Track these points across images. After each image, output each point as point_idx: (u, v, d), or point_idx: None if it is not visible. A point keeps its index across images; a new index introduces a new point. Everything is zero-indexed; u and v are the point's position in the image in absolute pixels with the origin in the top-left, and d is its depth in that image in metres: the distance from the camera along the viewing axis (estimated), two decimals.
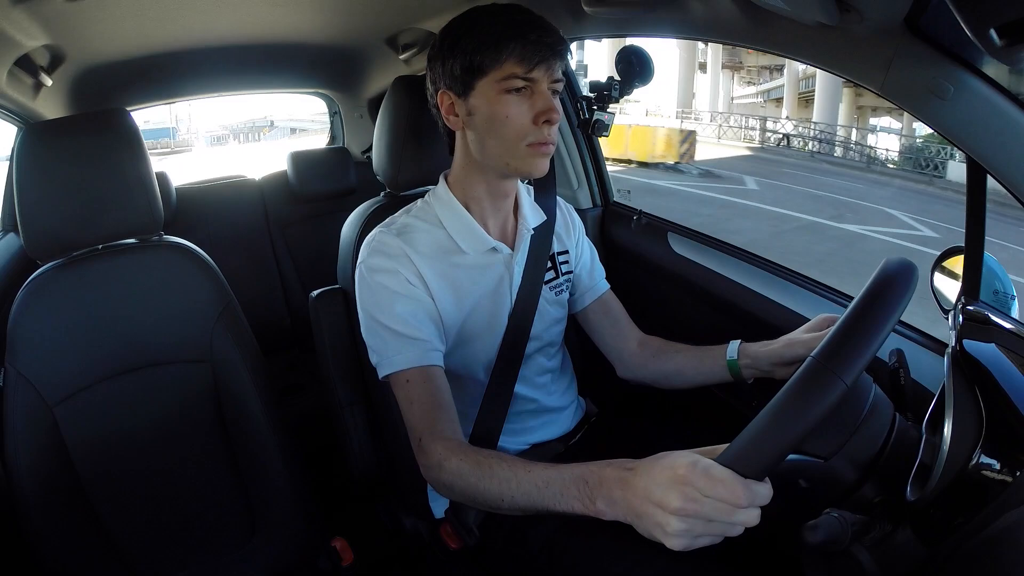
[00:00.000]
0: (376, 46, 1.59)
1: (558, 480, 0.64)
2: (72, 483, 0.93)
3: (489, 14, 0.82)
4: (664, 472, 0.54)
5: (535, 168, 0.85)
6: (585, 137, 1.52)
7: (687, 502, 0.52)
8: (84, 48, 1.31)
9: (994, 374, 0.65)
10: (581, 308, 1.06)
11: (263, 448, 1.01)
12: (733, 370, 0.93)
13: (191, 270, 1.03)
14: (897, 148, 14.84)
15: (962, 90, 0.69)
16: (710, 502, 0.51)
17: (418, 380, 0.84)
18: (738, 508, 0.51)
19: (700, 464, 0.52)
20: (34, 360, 0.93)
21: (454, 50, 0.82)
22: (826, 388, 0.51)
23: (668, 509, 0.52)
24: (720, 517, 0.52)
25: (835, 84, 15.77)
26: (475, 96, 0.83)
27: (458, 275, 0.89)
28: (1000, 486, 0.57)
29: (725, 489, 0.50)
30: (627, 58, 1.18)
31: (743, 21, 0.89)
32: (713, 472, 0.51)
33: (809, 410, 0.51)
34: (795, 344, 0.87)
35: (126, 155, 0.96)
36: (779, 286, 1.14)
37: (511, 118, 0.81)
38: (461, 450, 0.77)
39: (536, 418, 0.99)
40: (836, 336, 0.54)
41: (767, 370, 0.90)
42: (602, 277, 1.08)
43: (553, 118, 0.82)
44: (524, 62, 0.79)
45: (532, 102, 0.82)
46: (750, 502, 0.51)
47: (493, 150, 0.84)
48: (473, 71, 0.81)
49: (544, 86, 0.82)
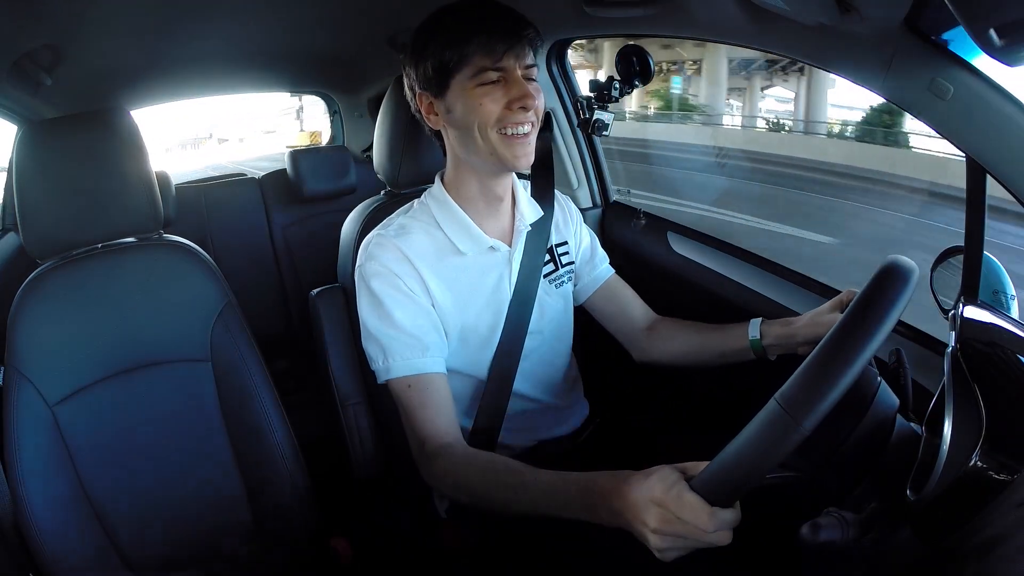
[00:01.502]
0: (376, 46, 1.59)
1: (563, 491, 0.66)
2: (72, 482, 0.93)
3: (452, 12, 0.83)
4: (646, 492, 0.57)
5: (515, 158, 0.83)
6: (585, 137, 1.52)
7: (662, 523, 0.56)
8: (84, 48, 1.31)
9: (994, 374, 0.65)
10: (587, 296, 1.06)
11: (263, 447, 1.01)
12: (756, 348, 0.92)
13: (191, 269, 1.03)
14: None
15: (962, 90, 0.69)
16: (681, 523, 0.55)
17: (419, 386, 0.84)
18: (706, 532, 0.55)
19: (674, 489, 0.56)
20: (34, 359, 0.93)
21: (424, 52, 0.83)
22: (785, 434, 0.51)
23: (647, 528, 0.57)
24: (692, 537, 0.55)
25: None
26: (451, 94, 0.83)
27: (457, 276, 0.89)
28: (1000, 486, 0.57)
29: (692, 515, 0.54)
30: (627, 58, 1.18)
31: (743, 21, 0.89)
32: (684, 498, 0.55)
33: (768, 453, 0.52)
34: (818, 324, 0.85)
35: (126, 154, 0.96)
36: (779, 286, 1.14)
37: (483, 106, 0.81)
38: (465, 457, 0.78)
39: (543, 416, 0.99)
40: (798, 379, 0.53)
41: (790, 348, 0.89)
42: (605, 262, 1.08)
43: (528, 103, 0.81)
44: (491, 53, 0.80)
45: (506, 89, 0.81)
46: (716, 528, 0.54)
47: (472, 143, 0.84)
48: (445, 70, 0.82)
49: (517, 74, 0.81)
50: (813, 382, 0.51)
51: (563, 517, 0.66)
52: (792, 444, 0.51)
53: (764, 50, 0.95)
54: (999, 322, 0.75)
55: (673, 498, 0.55)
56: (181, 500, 0.99)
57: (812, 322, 0.86)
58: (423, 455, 0.82)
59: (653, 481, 0.58)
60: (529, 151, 0.84)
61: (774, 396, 0.53)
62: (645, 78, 1.19)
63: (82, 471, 0.94)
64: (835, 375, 0.51)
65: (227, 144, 14.87)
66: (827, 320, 0.85)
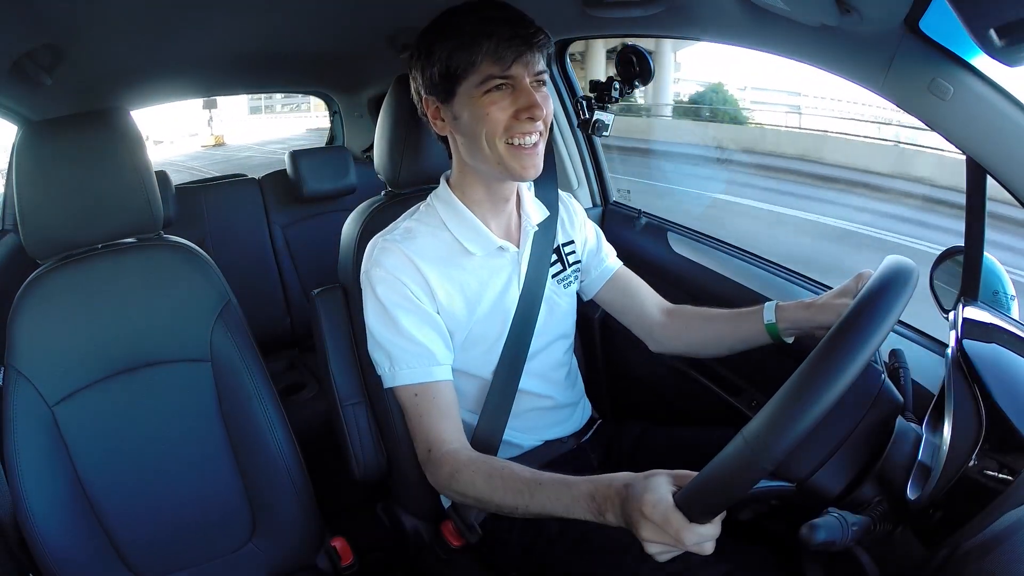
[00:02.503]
0: (376, 46, 1.59)
1: (568, 495, 0.69)
2: (72, 482, 0.93)
3: (460, 14, 0.81)
4: (637, 503, 0.61)
5: (522, 169, 0.82)
6: (585, 137, 1.52)
7: (650, 533, 0.60)
8: (84, 48, 1.31)
9: (994, 374, 0.65)
10: (596, 291, 1.05)
11: (263, 447, 1.01)
12: (772, 332, 0.89)
13: (191, 269, 1.02)
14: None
15: (962, 90, 0.69)
16: (665, 535, 0.59)
17: (425, 394, 0.84)
18: (685, 545, 0.59)
19: (660, 505, 0.59)
20: (34, 359, 0.93)
21: (431, 57, 0.81)
22: (748, 470, 0.53)
23: (639, 536, 0.61)
24: (676, 547, 0.60)
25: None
26: (458, 101, 0.81)
27: (466, 278, 0.88)
28: (1000, 486, 0.57)
29: (673, 530, 0.58)
30: (627, 58, 1.18)
31: (743, 21, 0.89)
32: (668, 515, 0.59)
33: (734, 485, 0.55)
34: (829, 308, 0.83)
35: (126, 155, 0.96)
36: (779, 286, 1.14)
37: (490, 115, 0.79)
38: (471, 462, 0.78)
39: (548, 415, 0.99)
40: (762, 417, 0.53)
41: (807, 331, 0.87)
42: (612, 255, 1.07)
43: (536, 114, 0.79)
44: (500, 61, 0.78)
45: (514, 98, 0.79)
46: (694, 543, 0.59)
47: (479, 152, 0.83)
48: (451, 76, 0.80)
49: (525, 82, 0.80)
50: (777, 421, 0.52)
51: (569, 518, 0.69)
52: (757, 478, 0.54)
53: (764, 50, 0.95)
54: (999, 322, 0.75)
55: (659, 514, 0.59)
56: (181, 500, 0.99)
57: (827, 304, 0.84)
58: (429, 461, 0.82)
59: (642, 493, 0.61)
60: (537, 162, 0.83)
61: (740, 431, 0.54)
62: (645, 78, 1.19)
63: (82, 471, 0.94)
64: (800, 415, 0.51)
65: (162, 145, 16.70)
66: (836, 306, 0.82)
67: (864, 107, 7.97)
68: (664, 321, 1.02)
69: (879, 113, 7.52)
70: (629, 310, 1.05)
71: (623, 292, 1.05)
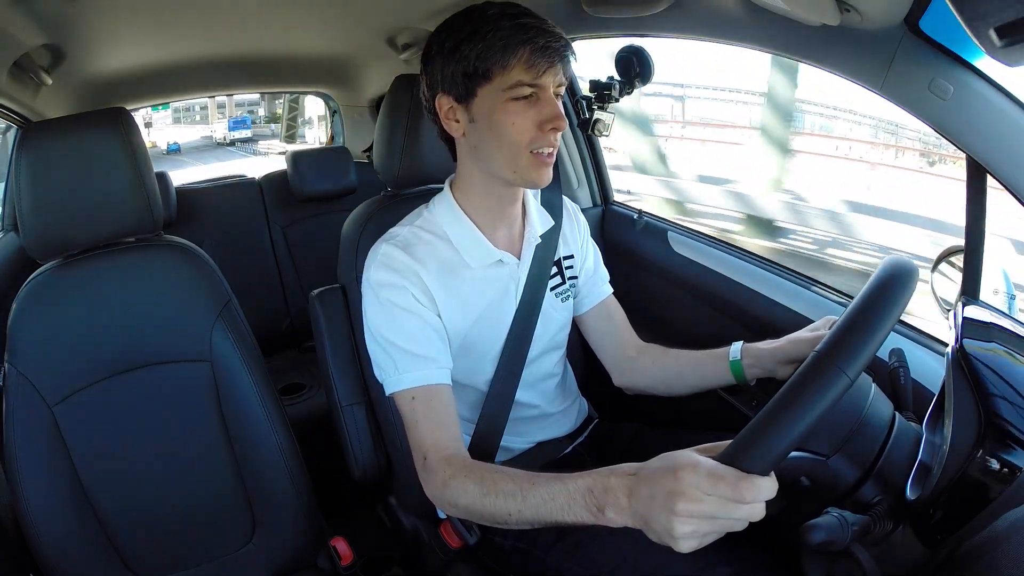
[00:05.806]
0: (376, 46, 1.59)
1: (563, 492, 0.63)
2: (72, 483, 0.93)
3: (492, 17, 0.78)
4: (666, 476, 0.54)
5: (540, 178, 0.82)
6: (585, 137, 1.53)
7: (690, 503, 0.52)
8: (84, 48, 1.31)
9: (994, 373, 0.65)
10: (582, 312, 1.04)
11: (263, 447, 1.01)
12: (736, 371, 0.90)
13: (191, 270, 1.02)
14: None
15: (962, 90, 0.69)
16: (713, 499, 0.51)
17: (424, 399, 0.82)
18: (742, 504, 0.51)
19: (701, 465, 0.52)
20: (34, 360, 0.92)
21: (455, 54, 0.79)
22: (830, 381, 0.51)
23: (673, 512, 0.52)
24: (724, 514, 0.52)
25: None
26: (478, 102, 0.79)
27: (464, 288, 0.88)
28: (1000, 485, 0.57)
29: (727, 486, 0.51)
30: (627, 58, 1.18)
31: (743, 21, 0.89)
32: (715, 471, 0.52)
33: (814, 403, 0.51)
34: (799, 342, 0.85)
35: (126, 155, 0.95)
36: (779, 286, 1.14)
37: (516, 125, 0.78)
38: (466, 468, 0.76)
39: (538, 423, 0.99)
40: (839, 331, 0.55)
41: (770, 369, 0.88)
42: (605, 281, 1.06)
43: (560, 125, 0.79)
44: (532, 69, 0.77)
45: (539, 108, 0.78)
46: (754, 497, 0.51)
47: (497, 159, 0.82)
48: (476, 77, 0.78)
49: (550, 92, 0.79)
50: (855, 333, 0.54)
51: (567, 522, 0.64)
52: (838, 392, 0.52)
53: (764, 50, 0.95)
54: (999, 322, 0.75)
55: (703, 473, 0.51)
56: (181, 500, 0.99)
57: (793, 341, 0.86)
58: (425, 469, 0.80)
59: (671, 463, 0.54)
60: (551, 172, 0.83)
61: (814, 350, 0.54)
62: (645, 78, 1.19)
63: (82, 471, 0.94)
64: (874, 327, 0.54)
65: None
66: (808, 339, 0.84)
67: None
68: (634, 356, 1.02)
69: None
70: (606, 338, 1.04)
71: (606, 320, 1.04)
